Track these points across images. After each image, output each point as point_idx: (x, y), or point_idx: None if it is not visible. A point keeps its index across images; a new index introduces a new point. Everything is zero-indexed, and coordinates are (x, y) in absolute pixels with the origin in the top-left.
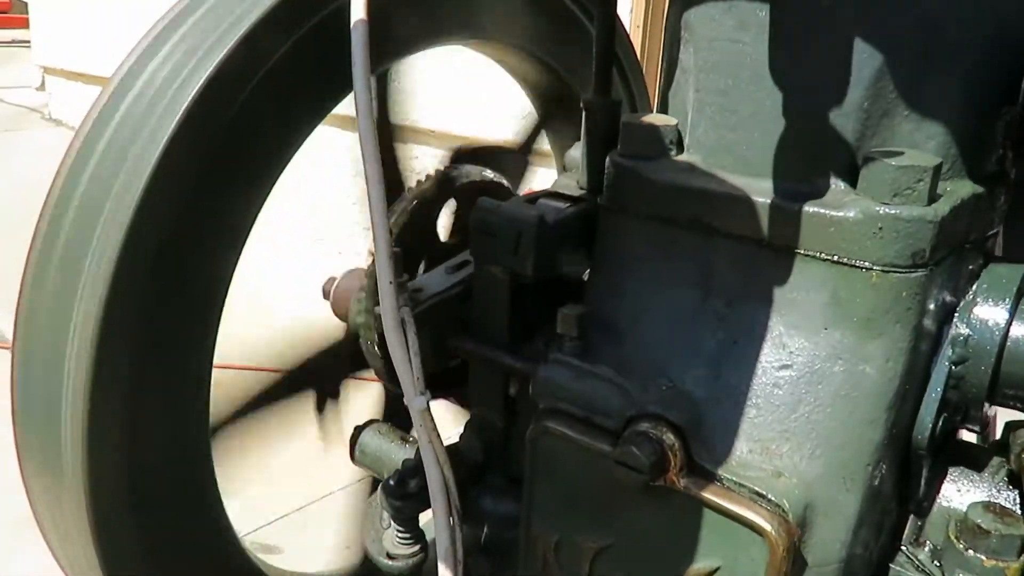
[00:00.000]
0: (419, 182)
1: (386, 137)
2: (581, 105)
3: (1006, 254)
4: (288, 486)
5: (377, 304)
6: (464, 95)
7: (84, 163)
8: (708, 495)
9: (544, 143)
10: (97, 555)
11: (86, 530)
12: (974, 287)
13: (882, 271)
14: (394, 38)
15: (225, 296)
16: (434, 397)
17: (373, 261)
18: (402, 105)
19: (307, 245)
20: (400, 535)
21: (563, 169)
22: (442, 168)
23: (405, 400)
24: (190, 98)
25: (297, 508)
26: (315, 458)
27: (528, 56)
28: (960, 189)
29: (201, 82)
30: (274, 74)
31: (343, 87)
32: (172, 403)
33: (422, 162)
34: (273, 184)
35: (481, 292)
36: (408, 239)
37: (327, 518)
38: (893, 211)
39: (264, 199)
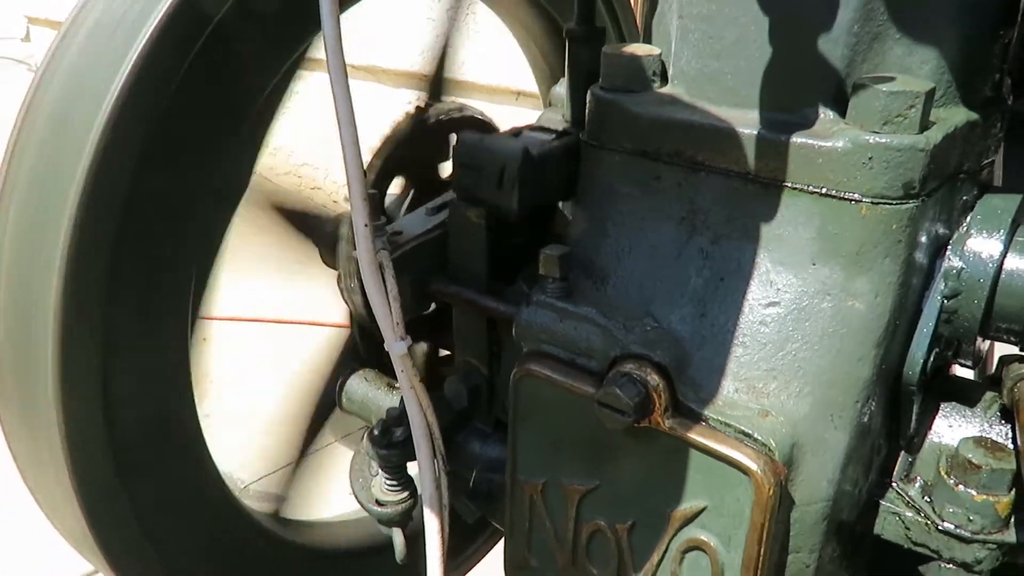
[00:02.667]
0: (396, 122)
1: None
2: (564, 35)
3: (1006, 183)
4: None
5: (355, 248)
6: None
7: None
8: (693, 436)
9: None
10: (85, 519)
11: (71, 494)
12: (968, 218)
13: (871, 203)
14: None
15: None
16: (418, 341)
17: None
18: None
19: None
20: (388, 482)
21: (546, 104)
22: (419, 105)
23: (385, 346)
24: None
25: (302, 455)
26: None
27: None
28: (954, 116)
29: None
30: None
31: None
32: (152, 352)
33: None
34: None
35: (459, 236)
36: (383, 180)
37: (332, 465)
38: (883, 140)
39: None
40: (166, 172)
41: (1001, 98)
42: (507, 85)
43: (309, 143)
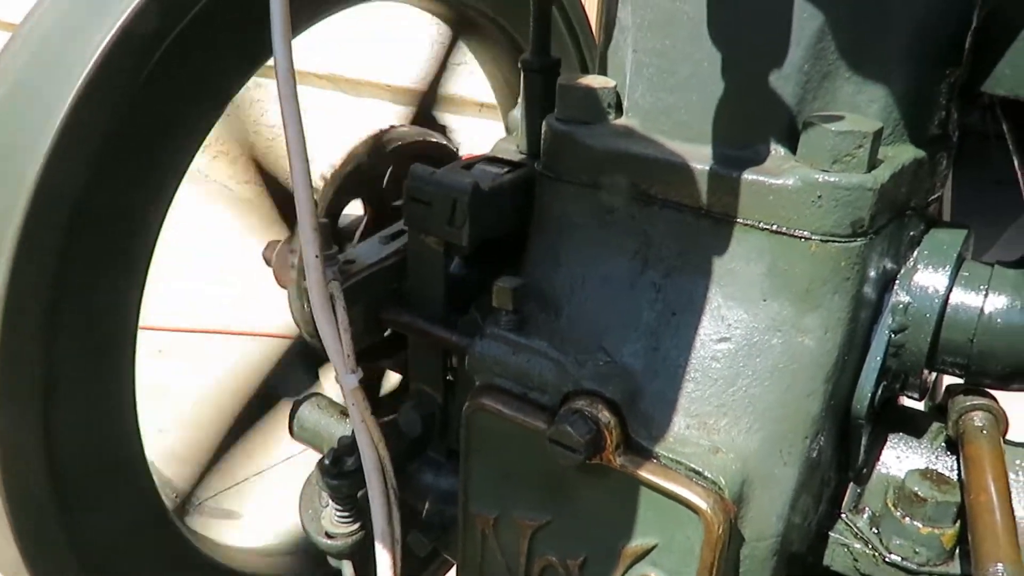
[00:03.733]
0: (354, 147)
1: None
2: (519, 66)
3: (955, 202)
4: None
5: (305, 279)
6: None
7: None
8: (644, 473)
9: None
10: (21, 556)
11: (5, 523)
12: (915, 253)
13: (821, 241)
14: None
15: (148, 253)
16: (373, 364)
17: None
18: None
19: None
20: (339, 513)
21: (505, 125)
22: (380, 129)
23: (335, 379)
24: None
25: (257, 472)
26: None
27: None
28: (901, 154)
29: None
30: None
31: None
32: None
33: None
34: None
35: (415, 263)
36: (337, 208)
37: (287, 482)
38: (832, 179)
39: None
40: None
41: (947, 135)
42: (470, 96)
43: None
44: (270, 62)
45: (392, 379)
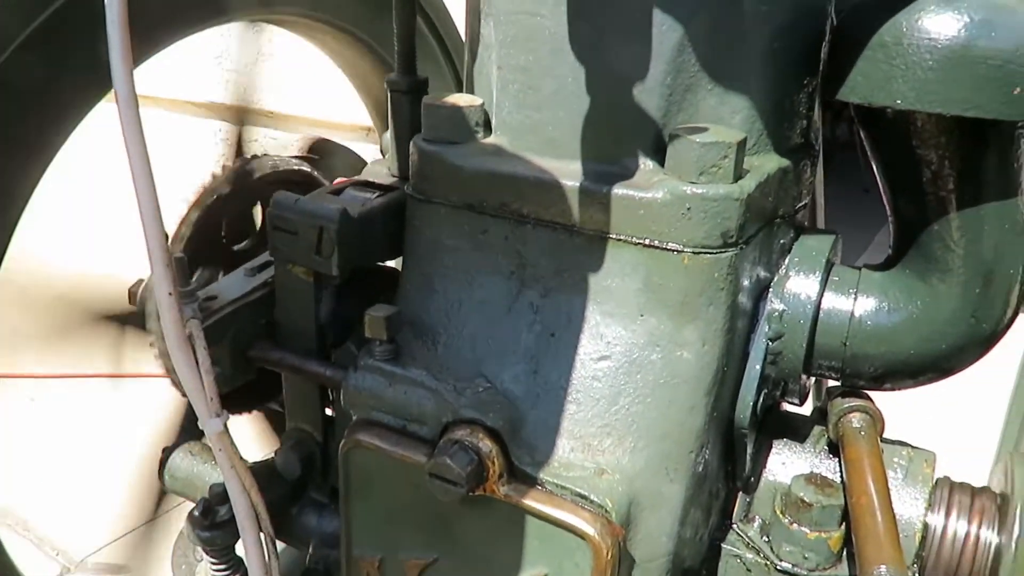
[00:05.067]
0: (213, 176)
1: None
2: (385, 86)
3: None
4: (132, 500)
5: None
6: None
7: None
8: (529, 501)
9: None
10: None
11: None
12: (786, 261)
13: (693, 253)
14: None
15: None
16: (246, 411)
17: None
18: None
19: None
20: (214, 567)
21: (380, 150)
22: (239, 160)
23: (200, 424)
24: None
25: (142, 523)
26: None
27: (345, 36)
28: (766, 163)
29: None
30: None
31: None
32: None
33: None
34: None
35: (284, 295)
36: (202, 242)
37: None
38: (700, 190)
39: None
40: None
41: (810, 144)
42: (357, 122)
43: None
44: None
45: None
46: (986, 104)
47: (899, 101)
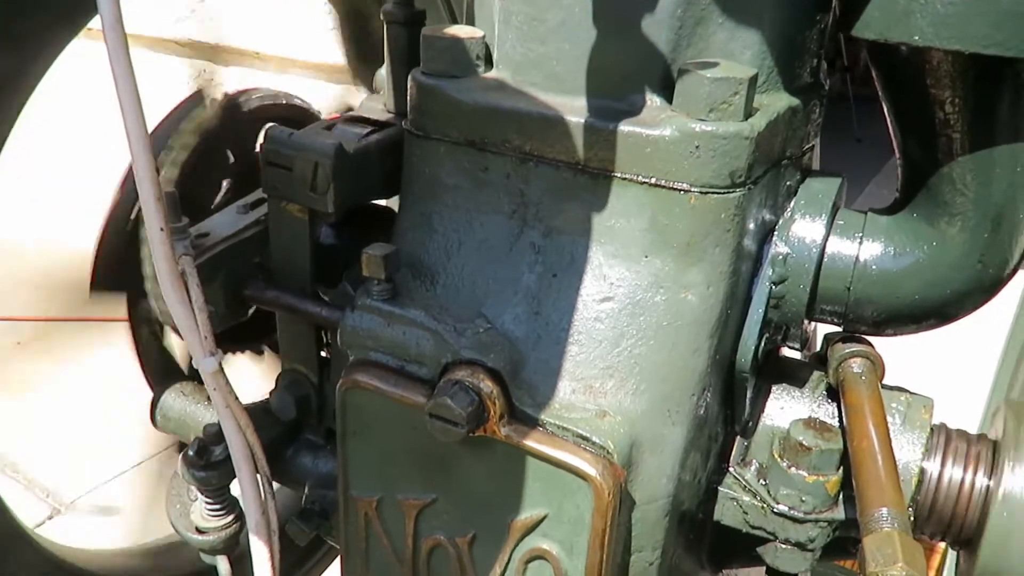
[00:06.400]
0: (204, 110)
1: None
2: (381, 18)
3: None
4: (125, 441)
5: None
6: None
7: None
8: (530, 443)
9: None
10: None
11: None
12: (792, 204)
13: (700, 193)
14: None
15: None
16: (241, 350)
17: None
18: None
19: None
20: (209, 507)
21: (371, 89)
22: (229, 92)
23: (194, 363)
24: None
25: (136, 464)
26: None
27: None
28: (776, 102)
29: None
30: None
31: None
32: None
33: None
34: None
35: (278, 233)
36: (191, 179)
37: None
38: (709, 128)
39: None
40: None
41: (820, 83)
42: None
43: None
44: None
45: None
46: (1007, 41)
47: (916, 37)
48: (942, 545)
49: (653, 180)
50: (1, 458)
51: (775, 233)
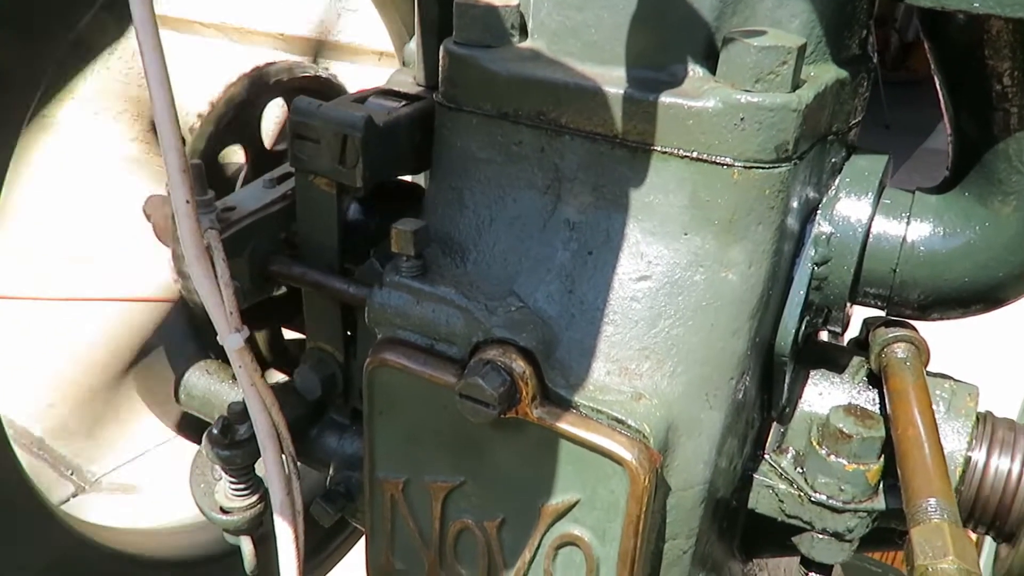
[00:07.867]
0: (229, 84)
1: None
2: None
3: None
4: (147, 421)
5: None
6: None
7: None
8: (564, 425)
9: None
10: None
11: None
12: (836, 181)
13: (744, 167)
14: None
15: None
16: (267, 326)
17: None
18: None
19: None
20: (233, 486)
21: (402, 64)
22: (260, 64)
23: (219, 339)
24: None
25: (157, 444)
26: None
27: None
28: (824, 74)
29: None
30: None
31: None
32: None
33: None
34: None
35: (305, 208)
36: (215, 150)
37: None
38: (755, 99)
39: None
40: None
41: (867, 56)
42: (368, 46)
43: None
44: None
45: None
46: None
47: (977, 4)
48: (973, 536)
49: (694, 154)
50: (27, 436)
51: (819, 212)
